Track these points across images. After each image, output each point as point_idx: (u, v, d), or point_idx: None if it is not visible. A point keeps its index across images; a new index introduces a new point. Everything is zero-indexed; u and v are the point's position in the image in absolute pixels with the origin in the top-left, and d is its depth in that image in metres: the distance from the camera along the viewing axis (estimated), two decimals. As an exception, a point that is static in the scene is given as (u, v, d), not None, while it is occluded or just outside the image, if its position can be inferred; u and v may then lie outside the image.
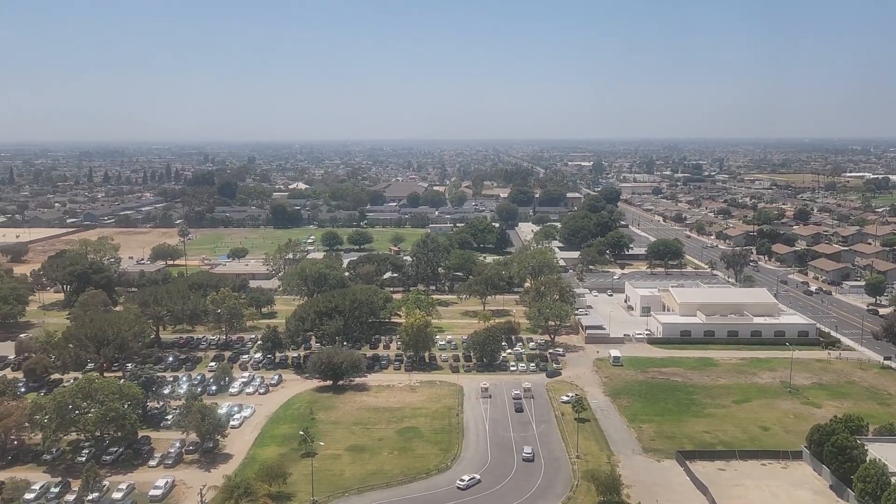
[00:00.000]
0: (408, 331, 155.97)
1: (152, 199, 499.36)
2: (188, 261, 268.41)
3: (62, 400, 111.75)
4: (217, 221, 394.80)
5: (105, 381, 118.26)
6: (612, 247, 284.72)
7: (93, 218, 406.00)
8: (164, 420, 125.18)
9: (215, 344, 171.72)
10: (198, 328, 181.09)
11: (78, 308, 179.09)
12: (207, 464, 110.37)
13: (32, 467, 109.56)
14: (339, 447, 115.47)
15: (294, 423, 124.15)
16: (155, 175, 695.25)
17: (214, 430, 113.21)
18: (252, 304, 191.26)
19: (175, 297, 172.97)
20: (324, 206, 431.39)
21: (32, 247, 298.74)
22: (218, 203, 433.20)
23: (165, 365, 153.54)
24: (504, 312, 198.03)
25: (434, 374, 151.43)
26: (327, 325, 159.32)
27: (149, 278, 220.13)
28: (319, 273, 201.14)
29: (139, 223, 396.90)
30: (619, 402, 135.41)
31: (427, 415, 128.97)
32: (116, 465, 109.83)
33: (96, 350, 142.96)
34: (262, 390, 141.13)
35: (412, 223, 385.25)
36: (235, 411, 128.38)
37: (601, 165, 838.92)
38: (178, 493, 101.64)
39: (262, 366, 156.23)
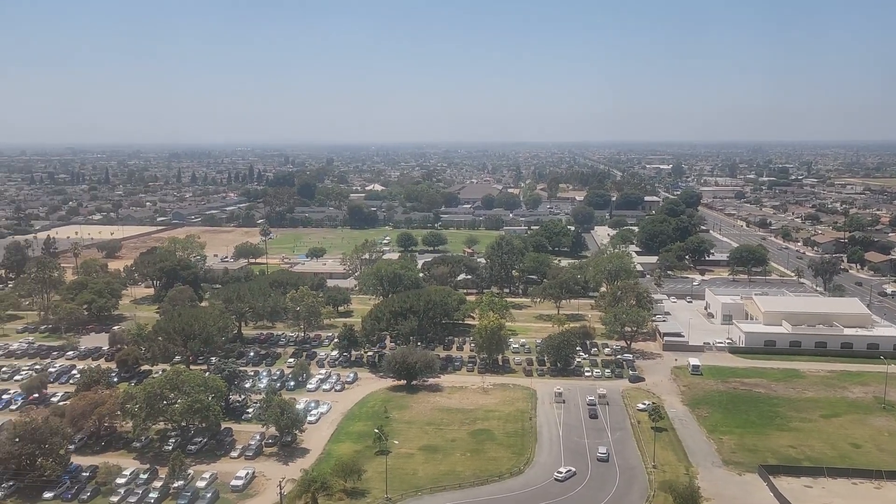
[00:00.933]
0: (481, 333, 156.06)
1: (236, 200, 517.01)
2: (269, 259, 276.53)
3: (152, 390, 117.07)
4: (296, 221, 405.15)
5: (191, 374, 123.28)
6: (692, 252, 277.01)
7: (181, 217, 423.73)
8: (245, 413, 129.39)
9: (294, 341, 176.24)
10: (277, 325, 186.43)
11: (167, 303, 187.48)
12: (285, 457, 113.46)
13: (123, 453, 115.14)
14: (412, 446, 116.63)
15: (369, 421, 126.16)
16: (238, 176, 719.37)
17: (293, 425, 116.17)
18: (329, 303, 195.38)
19: (257, 294, 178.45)
20: (399, 208, 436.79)
21: (125, 244, 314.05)
22: (298, 203, 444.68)
23: (247, 360, 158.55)
24: (579, 317, 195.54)
25: (507, 377, 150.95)
26: (402, 326, 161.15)
27: (232, 276, 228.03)
28: (395, 273, 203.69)
29: (223, 222, 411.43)
30: (698, 413, 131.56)
31: (500, 417, 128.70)
32: (200, 455, 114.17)
33: (183, 343, 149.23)
34: (338, 387, 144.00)
35: (486, 225, 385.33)
36: (312, 407, 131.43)
37: (681, 168, 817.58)
38: (257, 484, 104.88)
39: (338, 363, 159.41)
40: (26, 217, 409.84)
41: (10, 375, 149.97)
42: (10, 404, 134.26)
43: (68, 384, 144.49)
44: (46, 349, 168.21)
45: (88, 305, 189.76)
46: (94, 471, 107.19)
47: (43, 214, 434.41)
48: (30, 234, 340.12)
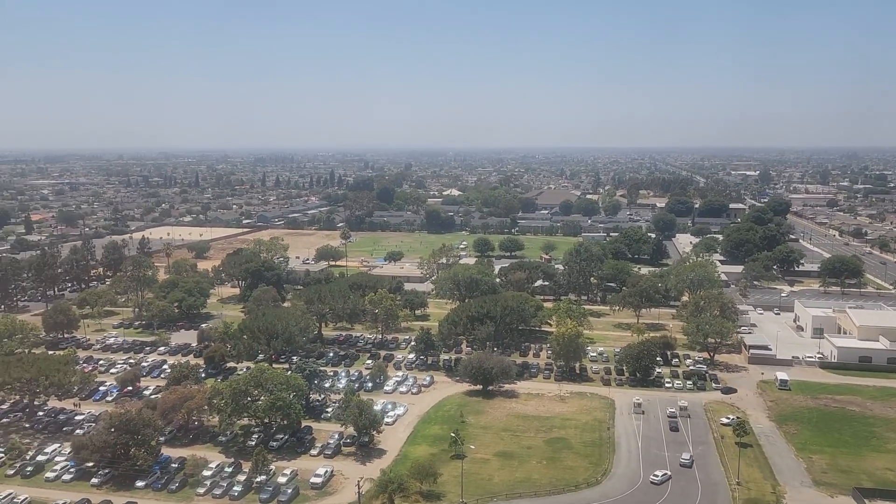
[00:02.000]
0: (558, 340, 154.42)
1: (317, 203, 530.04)
2: (348, 262, 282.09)
3: (237, 387, 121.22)
4: (375, 225, 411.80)
5: (274, 372, 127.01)
6: (780, 262, 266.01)
7: (265, 219, 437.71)
8: (324, 412, 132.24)
9: (372, 342, 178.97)
10: (356, 327, 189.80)
11: (251, 303, 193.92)
12: (363, 457, 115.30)
13: (210, 447, 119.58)
14: (487, 452, 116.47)
15: (444, 425, 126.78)
16: (320, 180, 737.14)
17: (370, 426, 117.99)
18: (406, 306, 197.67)
19: (337, 296, 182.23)
20: (476, 213, 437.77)
21: (213, 245, 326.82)
22: (376, 208, 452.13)
23: (326, 360, 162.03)
24: (659, 326, 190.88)
25: (584, 386, 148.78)
26: (479, 331, 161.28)
27: (313, 277, 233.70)
28: (471, 278, 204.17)
29: (305, 225, 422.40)
30: (786, 429, 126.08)
31: (577, 426, 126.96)
32: (281, 452, 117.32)
33: (267, 342, 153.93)
34: (414, 390, 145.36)
35: (564, 231, 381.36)
36: (389, 409, 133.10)
37: (768, 175, 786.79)
38: (335, 482, 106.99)
39: (415, 366, 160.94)
40: (123, 218, 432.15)
41: (106, 368, 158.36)
42: (107, 396, 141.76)
43: (159, 378, 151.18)
44: (140, 344, 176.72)
45: (179, 303, 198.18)
46: (183, 462, 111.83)
47: (138, 216, 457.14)
48: (126, 234, 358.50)
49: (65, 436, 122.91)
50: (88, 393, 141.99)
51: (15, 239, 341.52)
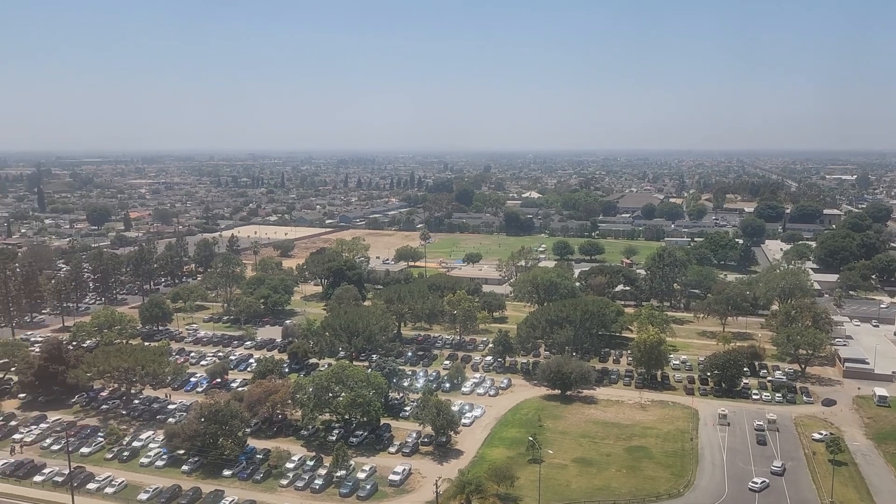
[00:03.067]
0: (640, 347, 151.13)
1: (397, 204, 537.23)
2: (427, 263, 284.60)
3: (319, 382, 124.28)
4: (454, 227, 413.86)
5: (355, 369, 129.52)
6: (880, 271, 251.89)
7: (347, 220, 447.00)
8: (402, 411, 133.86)
9: (449, 343, 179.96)
10: (434, 327, 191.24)
11: (333, 301, 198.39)
12: (440, 457, 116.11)
13: (292, 440, 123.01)
14: (565, 457, 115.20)
15: (522, 428, 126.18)
16: (400, 182, 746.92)
17: (448, 426, 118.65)
18: (485, 308, 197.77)
19: (416, 296, 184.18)
20: (555, 216, 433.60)
21: (298, 243, 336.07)
22: (455, 209, 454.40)
23: (405, 359, 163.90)
24: (746, 336, 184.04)
25: (666, 394, 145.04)
26: (558, 335, 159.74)
27: (393, 277, 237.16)
28: (550, 281, 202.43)
29: (385, 226, 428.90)
30: (884, 448, 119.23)
31: (658, 435, 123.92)
32: (361, 448, 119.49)
33: (348, 340, 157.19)
34: (492, 392, 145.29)
35: (646, 235, 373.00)
36: (467, 410, 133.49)
37: (867, 179, 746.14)
38: (413, 480, 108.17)
39: (492, 368, 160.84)
40: (213, 217, 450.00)
41: (197, 360, 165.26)
42: (197, 387, 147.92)
43: (246, 372, 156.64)
44: (228, 338, 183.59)
45: (265, 300, 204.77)
46: (267, 454, 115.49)
47: (227, 215, 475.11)
48: (216, 232, 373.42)
49: (158, 424, 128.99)
50: (180, 383, 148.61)
51: (115, 235, 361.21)
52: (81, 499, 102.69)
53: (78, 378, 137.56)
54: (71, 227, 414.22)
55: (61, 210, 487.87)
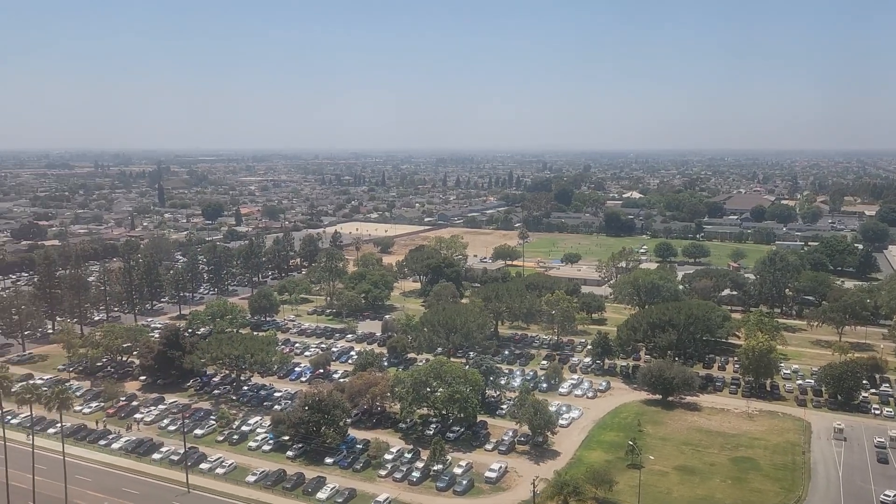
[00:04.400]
0: (748, 354, 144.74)
1: (495, 203, 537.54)
2: (525, 262, 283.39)
3: (418, 377, 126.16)
4: (552, 226, 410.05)
5: (453, 365, 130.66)
6: None
7: (445, 218, 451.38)
8: (499, 409, 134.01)
9: (547, 343, 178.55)
10: (532, 327, 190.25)
11: (432, 297, 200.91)
12: (536, 457, 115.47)
13: (391, 432, 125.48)
14: (666, 464, 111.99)
15: (620, 432, 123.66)
16: (498, 181, 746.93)
17: (545, 426, 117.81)
18: (583, 309, 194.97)
19: (514, 294, 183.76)
20: (658, 216, 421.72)
21: (397, 241, 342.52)
22: (554, 209, 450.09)
23: (502, 358, 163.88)
24: (866, 347, 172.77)
25: (776, 405, 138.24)
26: (660, 338, 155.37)
27: (490, 276, 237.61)
28: (652, 283, 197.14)
29: (483, 224, 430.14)
30: None
31: (766, 447, 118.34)
32: (457, 443, 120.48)
33: (445, 336, 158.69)
34: (590, 394, 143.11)
35: (755, 238, 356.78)
36: (564, 411, 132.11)
37: None
38: (509, 478, 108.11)
39: (590, 370, 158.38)
40: (317, 213, 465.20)
41: (301, 351, 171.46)
42: (301, 376, 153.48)
43: (347, 363, 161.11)
44: (330, 331, 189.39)
45: (366, 295, 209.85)
46: (367, 444, 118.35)
47: (330, 211, 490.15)
48: (320, 228, 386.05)
49: (265, 410, 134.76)
50: (286, 372, 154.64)
51: (227, 230, 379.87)
52: (195, 477, 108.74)
53: (193, 363, 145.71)
54: (187, 221, 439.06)
55: (179, 205, 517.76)
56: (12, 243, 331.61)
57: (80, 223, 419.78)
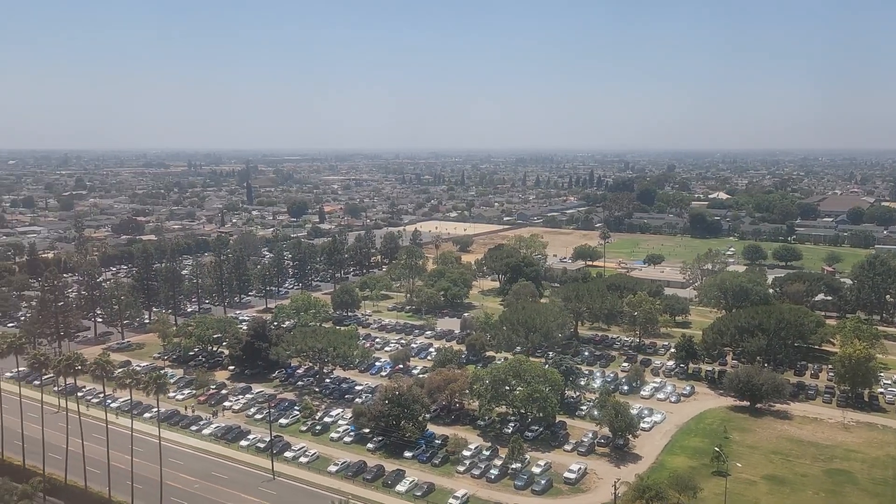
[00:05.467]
0: (844, 362, 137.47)
1: (575, 203, 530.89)
2: (606, 263, 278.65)
3: (497, 375, 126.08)
4: (634, 227, 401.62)
5: (532, 364, 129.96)
6: None
7: (524, 217, 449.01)
8: (578, 410, 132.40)
9: (628, 345, 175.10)
10: (612, 328, 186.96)
11: (511, 296, 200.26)
12: (617, 460, 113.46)
13: (469, 429, 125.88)
14: (754, 473, 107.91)
15: (705, 438, 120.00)
16: (579, 180, 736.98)
17: (626, 429, 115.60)
18: (666, 311, 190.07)
19: (594, 295, 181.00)
20: (746, 218, 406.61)
21: (476, 239, 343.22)
22: (636, 209, 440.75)
23: (582, 358, 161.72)
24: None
25: (875, 416, 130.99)
26: (748, 343, 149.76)
27: (570, 276, 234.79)
28: (741, 286, 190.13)
29: (563, 224, 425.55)
30: None
31: (864, 460, 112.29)
32: (535, 443, 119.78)
33: (525, 335, 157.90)
34: (673, 398, 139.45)
35: (851, 242, 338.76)
36: (646, 414, 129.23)
37: None
38: (588, 480, 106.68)
39: (673, 374, 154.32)
40: (398, 212, 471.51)
41: (381, 346, 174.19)
42: (381, 371, 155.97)
43: (426, 360, 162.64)
44: (410, 327, 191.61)
45: (445, 292, 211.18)
46: (445, 440, 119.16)
47: (410, 210, 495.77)
48: (400, 226, 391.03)
49: (346, 402, 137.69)
50: (366, 367, 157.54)
51: (311, 227, 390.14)
52: (280, 465, 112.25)
53: (278, 355, 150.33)
54: (274, 218, 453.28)
55: (266, 203, 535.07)
56: (113, 237, 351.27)
57: (174, 219, 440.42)
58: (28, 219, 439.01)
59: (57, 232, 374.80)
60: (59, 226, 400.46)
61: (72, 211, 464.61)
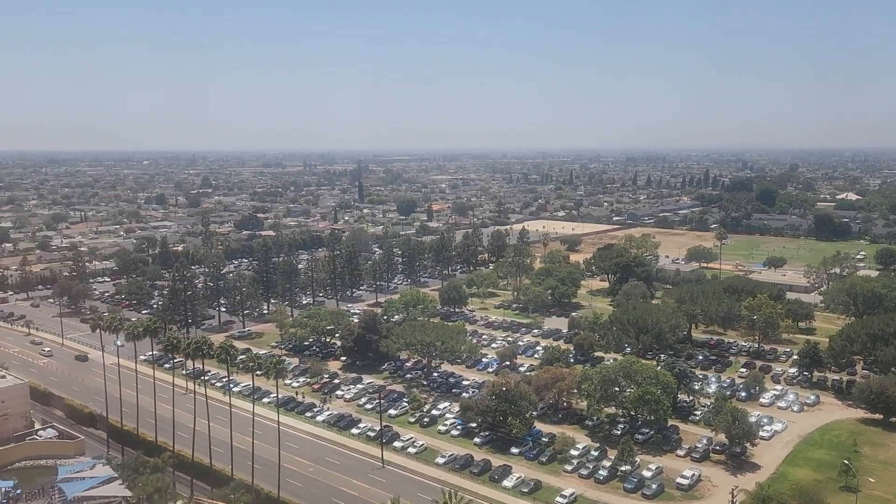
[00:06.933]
0: None
1: (689, 203, 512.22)
2: (722, 264, 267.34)
3: (606, 375, 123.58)
4: (753, 228, 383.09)
5: (644, 365, 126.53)
6: None
7: (635, 217, 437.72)
8: (692, 414, 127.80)
9: (746, 351, 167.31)
10: (729, 332, 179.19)
11: (621, 296, 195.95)
12: (734, 468, 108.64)
13: (577, 429, 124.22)
14: (888, 490, 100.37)
15: (832, 451, 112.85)
16: (693, 180, 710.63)
17: (745, 436, 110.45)
18: (788, 316, 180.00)
19: (710, 297, 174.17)
20: (879, 220, 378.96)
21: (584, 239, 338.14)
22: (755, 209, 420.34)
23: (696, 362, 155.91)
24: None
25: None
26: (882, 352, 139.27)
27: (683, 277, 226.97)
28: (873, 292, 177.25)
29: (676, 225, 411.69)
30: None
31: None
32: (646, 446, 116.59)
33: (635, 336, 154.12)
34: (795, 407, 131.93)
35: None
36: (765, 423, 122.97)
37: None
38: (703, 487, 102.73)
39: (796, 382, 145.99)
40: (505, 211, 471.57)
41: (489, 343, 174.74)
42: (488, 367, 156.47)
43: (532, 358, 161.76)
44: (517, 325, 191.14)
45: (552, 291, 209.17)
46: (552, 438, 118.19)
47: (517, 209, 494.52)
48: (507, 225, 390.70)
49: (453, 396, 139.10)
50: (473, 362, 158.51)
51: (419, 225, 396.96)
52: (389, 454, 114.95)
53: (388, 348, 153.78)
54: (384, 216, 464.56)
55: (376, 201, 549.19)
56: (235, 233, 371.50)
57: (290, 216, 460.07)
58: (160, 214, 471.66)
59: (186, 227, 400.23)
60: (187, 221, 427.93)
61: (199, 208, 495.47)
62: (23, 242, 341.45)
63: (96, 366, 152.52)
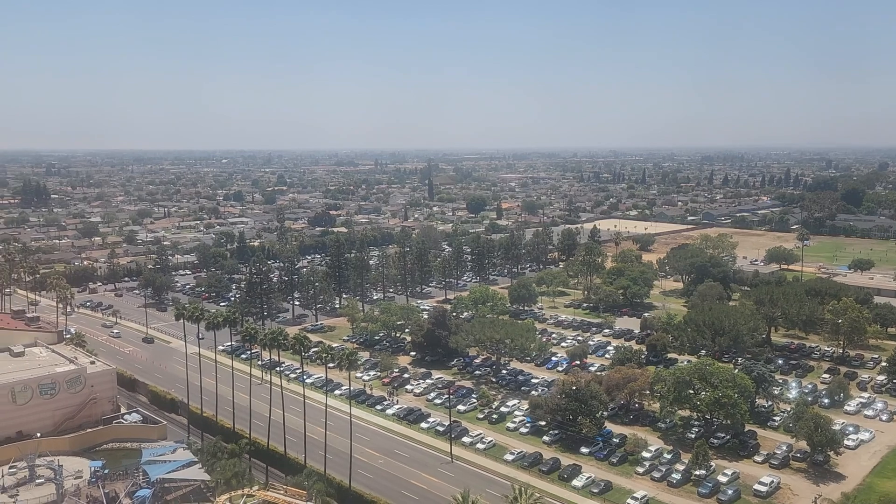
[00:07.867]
0: None
1: (768, 203, 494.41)
2: (804, 266, 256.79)
3: (680, 377, 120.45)
4: (837, 229, 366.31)
5: (720, 368, 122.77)
6: None
7: (710, 217, 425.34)
8: (770, 420, 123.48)
9: (829, 356, 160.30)
10: (810, 336, 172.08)
11: (696, 297, 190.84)
12: (816, 476, 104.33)
13: (649, 430, 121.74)
14: None
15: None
16: (773, 179, 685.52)
17: (827, 444, 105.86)
18: (876, 321, 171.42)
19: (791, 299, 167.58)
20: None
21: (657, 238, 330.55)
22: (840, 210, 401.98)
23: (775, 366, 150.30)
24: None
25: None
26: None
27: (762, 279, 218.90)
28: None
29: (754, 225, 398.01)
30: None
31: None
32: (721, 451, 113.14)
33: (711, 338, 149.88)
34: (884, 416, 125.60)
35: None
36: (850, 431, 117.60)
37: None
38: (782, 495, 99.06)
39: (885, 390, 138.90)
40: (575, 210, 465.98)
41: (558, 341, 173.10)
42: (558, 366, 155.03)
43: (603, 358, 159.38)
44: (587, 324, 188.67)
45: (624, 291, 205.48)
46: (623, 439, 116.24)
47: (588, 208, 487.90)
48: (577, 224, 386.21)
49: (522, 394, 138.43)
50: (543, 360, 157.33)
51: (488, 223, 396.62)
52: (457, 449, 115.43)
53: (457, 344, 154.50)
54: (453, 214, 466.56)
55: (446, 199, 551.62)
56: (309, 229, 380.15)
57: (362, 213, 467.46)
58: (238, 211, 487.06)
59: (262, 223, 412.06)
60: (263, 217, 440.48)
61: (274, 204, 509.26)
62: (111, 236, 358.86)
63: (178, 354, 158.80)
